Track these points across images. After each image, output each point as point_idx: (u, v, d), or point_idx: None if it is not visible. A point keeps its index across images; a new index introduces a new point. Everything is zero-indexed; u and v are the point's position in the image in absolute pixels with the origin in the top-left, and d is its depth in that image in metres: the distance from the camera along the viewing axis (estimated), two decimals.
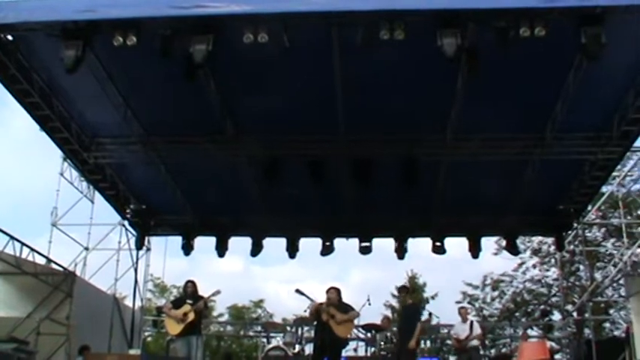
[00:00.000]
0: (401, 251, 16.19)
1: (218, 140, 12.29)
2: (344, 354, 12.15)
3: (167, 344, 15.48)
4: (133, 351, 15.11)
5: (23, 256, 12.58)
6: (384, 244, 16.38)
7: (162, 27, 8.14)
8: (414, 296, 28.26)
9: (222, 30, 8.06)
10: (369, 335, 15.03)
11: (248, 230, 16.24)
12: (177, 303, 11.97)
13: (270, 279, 49.17)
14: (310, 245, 16.44)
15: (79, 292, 13.62)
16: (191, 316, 11.35)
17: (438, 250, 16.06)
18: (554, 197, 14.91)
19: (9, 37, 9.56)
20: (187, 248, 16.35)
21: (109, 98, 11.15)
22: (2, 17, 8.24)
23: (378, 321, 14.96)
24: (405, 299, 12.18)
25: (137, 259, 16.88)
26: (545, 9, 7.64)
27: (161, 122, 12.09)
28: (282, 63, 9.31)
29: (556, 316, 23.91)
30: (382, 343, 13.88)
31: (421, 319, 12.39)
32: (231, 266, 42.27)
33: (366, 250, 16.15)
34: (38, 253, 13.17)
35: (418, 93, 10.50)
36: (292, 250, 16.30)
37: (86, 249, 16.06)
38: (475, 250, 16.02)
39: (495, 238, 23.71)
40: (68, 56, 8.07)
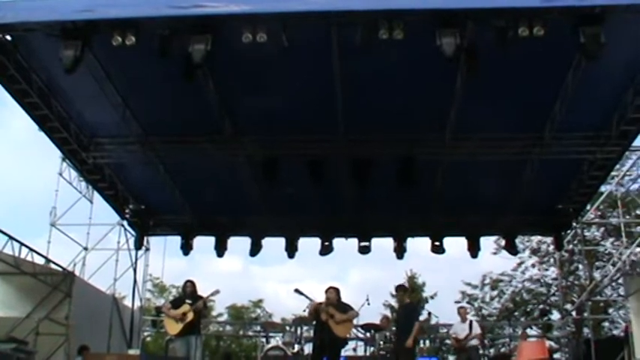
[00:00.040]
0: (400, 251, 16.21)
1: (217, 140, 12.29)
2: (343, 353, 12.15)
3: (166, 344, 15.47)
4: (132, 351, 15.10)
5: (22, 256, 12.56)
6: (383, 244, 16.41)
7: (160, 27, 8.14)
8: (413, 296, 28.35)
9: (220, 30, 8.06)
10: (369, 335, 15.03)
11: (247, 230, 16.25)
12: (176, 303, 11.96)
13: (269, 279, 49.23)
14: (309, 245, 16.47)
15: (78, 292, 13.60)
16: (190, 316, 11.34)
17: (437, 250, 16.07)
18: (553, 197, 14.93)
19: (8, 38, 9.55)
20: (186, 248, 16.36)
21: (108, 98, 11.15)
22: (1, 17, 8.23)
23: (377, 321, 14.93)
24: (403, 298, 12.15)
25: (136, 259, 16.89)
26: (544, 8, 7.63)
27: (160, 122, 12.08)
28: (281, 63, 9.31)
29: (555, 316, 23.94)
30: (381, 343, 13.90)
31: (419, 318, 12.38)
32: (230, 266, 42.20)
33: (365, 250, 16.17)
34: (37, 253, 13.17)
35: (417, 92, 10.50)
36: (291, 250, 16.32)
37: (85, 249, 16.05)
38: (474, 250, 16.04)
39: (494, 238, 23.73)
40: (67, 56, 8.06)
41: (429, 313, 17.18)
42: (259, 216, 15.56)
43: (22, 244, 12.42)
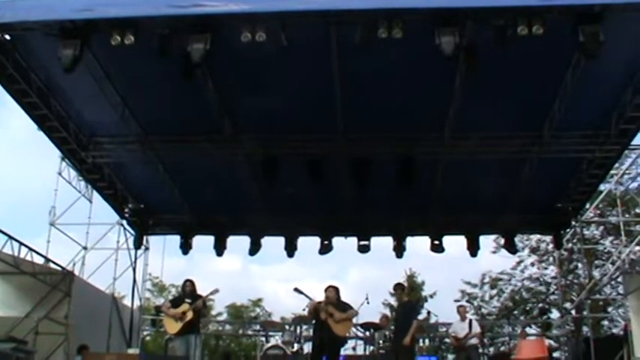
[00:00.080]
0: (399, 250, 16.22)
1: (216, 139, 12.29)
2: (343, 352, 12.15)
3: (166, 343, 15.47)
4: (132, 350, 15.09)
5: (21, 256, 12.54)
6: (383, 243, 16.41)
7: (160, 26, 8.13)
8: (413, 295, 28.36)
9: (220, 29, 8.05)
10: (368, 334, 15.03)
11: (246, 229, 16.26)
12: (175, 302, 11.95)
13: (268, 278, 49.23)
14: (309, 244, 16.48)
15: (78, 292, 13.59)
16: (189, 315, 11.34)
17: (437, 249, 16.09)
18: (552, 195, 14.94)
19: (6, 37, 9.54)
20: (185, 247, 16.37)
21: (107, 97, 11.14)
22: (0, 17, 8.23)
23: (377, 320, 14.93)
24: (401, 297, 12.15)
25: (135, 259, 16.88)
26: (543, 7, 7.63)
27: (159, 121, 12.08)
28: (280, 62, 9.30)
29: (554, 314, 23.91)
30: (381, 342, 13.88)
31: (417, 317, 12.38)
32: (229, 265, 42.38)
33: (365, 249, 16.18)
34: (36, 253, 13.15)
35: (416, 92, 10.50)
36: (291, 249, 16.33)
37: (84, 248, 16.02)
38: (473, 249, 16.05)
39: (494, 237, 23.71)
40: (66, 55, 8.05)
41: (429, 312, 17.20)
42: (259, 215, 15.56)
43: (22, 244, 12.41)
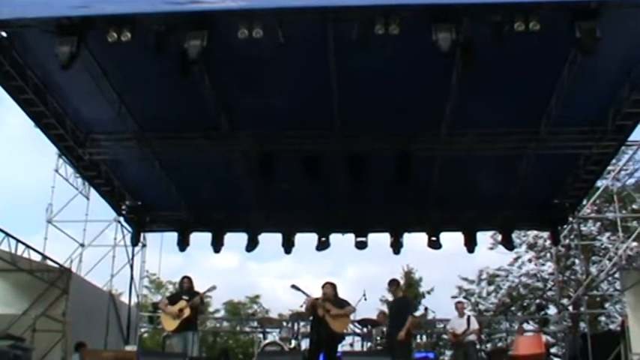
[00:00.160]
0: (396, 246, 16.23)
1: (213, 136, 12.28)
2: (340, 349, 12.15)
3: (163, 340, 15.44)
4: (129, 347, 15.10)
5: (19, 253, 12.54)
6: (380, 239, 16.42)
7: (156, 23, 8.12)
8: (410, 291, 28.39)
9: (216, 26, 8.04)
10: (365, 330, 15.02)
11: (243, 226, 16.25)
12: (173, 299, 11.94)
13: (265, 274, 49.08)
14: (306, 240, 16.50)
15: (75, 289, 13.59)
16: (187, 312, 11.33)
17: (434, 245, 16.10)
18: (549, 191, 14.96)
19: (3, 34, 9.55)
20: (183, 244, 16.36)
21: (104, 94, 11.13)
22: None
23: (374, 316, 14.94)
24: (396, 293, 12.17)
25: (133, 256, 16.88)
26: (539, 3, 7.64)
27: (155, 118, 12.07)
28: (277, 58, 9.31)
29: (552, 310, 24.07)
30: (378, 338, 13.87)
31: (413, 313, 12.38)
32: (226, 262, 42.26)
33: (362, 245, 16.19)
34: (34, 250, 13.14)
35: (413, 88, 10.49)
36: (288, 246, 16.34)
37: (82, 245, 16.03)
38: (471, 245, 16.06)
39: (491, 233, 23.73)
40: (62, 52, 8.04)
41: (426, 309, 17.20)
42: (256, 212, 15.56)
43: (19, 241, 12.40)
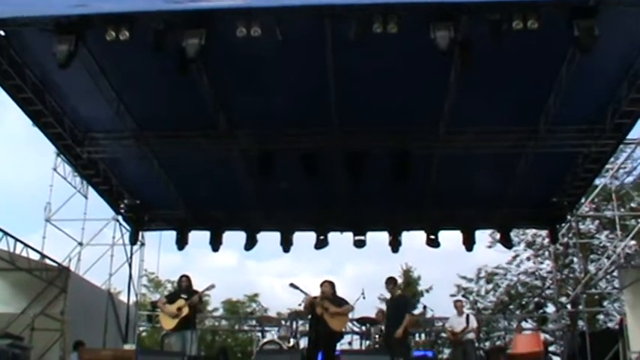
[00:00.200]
0: (395, 244, 16.23)
1: (211, 135, 12.27)
2: (339, 347, 12.16)
3: (162, 339, 15.48)
4: (128, 346, 15.08)
5: (17, 252, 12.51)
6: (378, 238, 16.45)
7: (155, 21, 8.11)
8: (409, 289, 28.40)
9: (215, 24, 8.03)
10: (364, 329, 15.03)
11: (242, 224, 16.25)
12: (171, 298, 11.95)
13: (264, 273, 49.14)
14: (304, 239, 16.51)
15: (74, 288, 13.58)
16: (185, 311, 11.35)
17: (432, 243, 16.12)
18: (547, 190, 14.96)
19: (1, 33, 9.54)
20: (181, 243, 16.35)
21: (102, 93, 11.12)
22: None
23: (373, 314, 14.95)
24: (394, 291, 12.18)
25: (131, 254, 16.87)
26: (538, 1, 7.64)
27: (154, 117, 12.06)
28: (275, 57, 9.31)
29: (550, 309, 24.08)
30: (377, 337, 13.89)
31: (410, 311, 12.39)
32: (225, 260, 42.29)
33: (361, 244, 16.20)
34: (32, 249, 13.11)
35: (411, 86, 10.49)
36: (286, 244, 16.33)
37: (80, 244, 16.02)
38: (469, 243, 16.07)
39: (489, 231, 23.77)
40: (61, 51, 8.02)
41: (425, 307, 17.20)
42: (254, 210, 15.56)
43: (17, 240, 12.38)
